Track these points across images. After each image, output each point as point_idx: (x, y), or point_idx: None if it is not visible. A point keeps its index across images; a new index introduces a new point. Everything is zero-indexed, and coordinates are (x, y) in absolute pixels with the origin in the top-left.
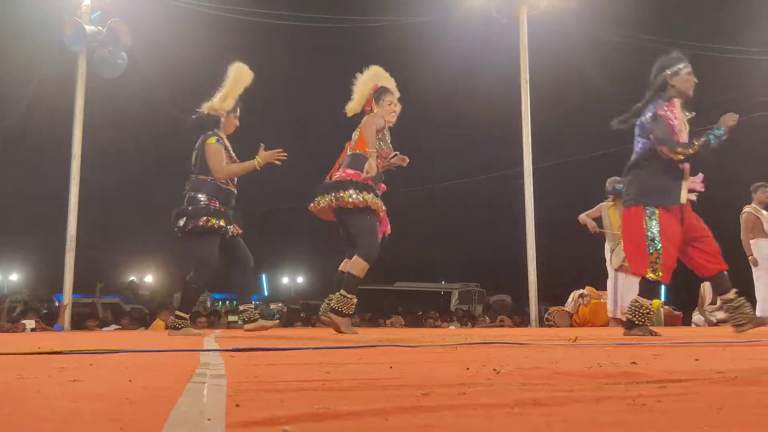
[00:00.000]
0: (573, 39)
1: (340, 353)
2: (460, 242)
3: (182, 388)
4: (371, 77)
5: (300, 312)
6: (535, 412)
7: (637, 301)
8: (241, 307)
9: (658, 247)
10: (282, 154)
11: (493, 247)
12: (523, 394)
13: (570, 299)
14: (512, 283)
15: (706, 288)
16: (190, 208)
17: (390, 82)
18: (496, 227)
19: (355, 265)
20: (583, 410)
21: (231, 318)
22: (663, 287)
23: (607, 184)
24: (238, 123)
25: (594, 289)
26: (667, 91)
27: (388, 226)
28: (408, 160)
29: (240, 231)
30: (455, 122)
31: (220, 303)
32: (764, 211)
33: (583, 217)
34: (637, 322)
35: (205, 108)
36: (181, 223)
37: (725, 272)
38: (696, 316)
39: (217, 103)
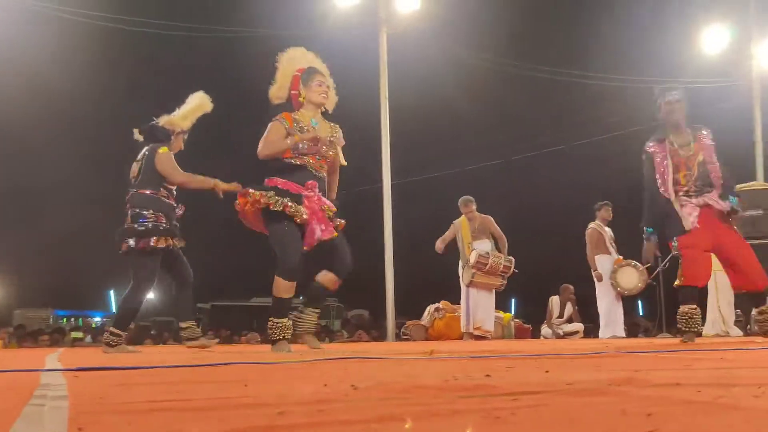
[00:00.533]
0: (432, 59)
1: (193, 372)
2: (318, 257)
3: (19, 412)
4: (291, 60)
5: (150, 329)
6: (393, 427)
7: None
8: (182, 324)
9: None
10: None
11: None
12: (381, 409)
13: (426, 313)
14: (370, 297)
15: (554, 302)
16: (137, 227)
17: (317, 62)
18: (354, 242)
19: (274, 286)
20: (440, 424)
21: (75, 335)
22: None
23: (459, 202)
24: (182, 147)
25: (449, 303)
26: (660, 128)
27: (326, 234)
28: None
29: (182, 244)
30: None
31: (65, 320)
32: (607, 228)
33: (439, 245)
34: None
35: (162, 120)
36: (132, 242)
37: None
38: (544, 329)
39: (177, 120)
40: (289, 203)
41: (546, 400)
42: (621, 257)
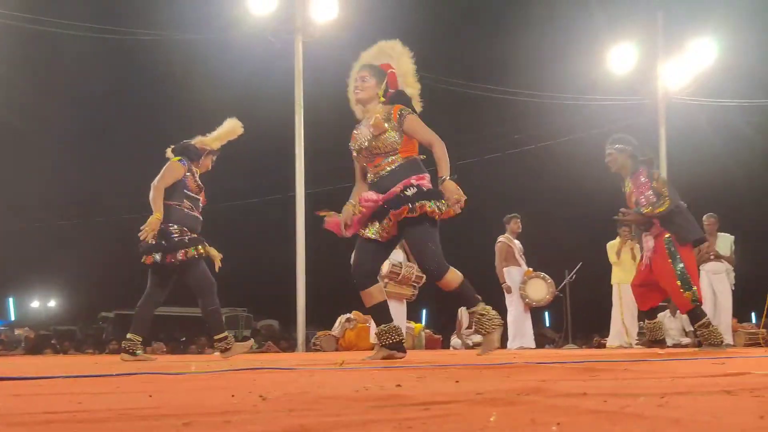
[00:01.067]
0: (349, 69)
1: (95, 382)
2: (228, 266)
3: None
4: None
5: (51, 338)
6: None
7: None
8: (216, 336)
9: None
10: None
11: (262, 271)
12: (290, 420)
13: (337, 323)
14: (280, 307)
15: (464, 313)
16: (164, 243)
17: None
18: (265, 251)
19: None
20: None
21: None
22: (424, 312)
23: None
24: (210, 167)
25: (360, 314)
26: None
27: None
28: None
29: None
30: (228, 143)
31: None
32: (516, 241)
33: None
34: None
35: (195, 140)
36: (158, 258)
37: None
38: (454, 340)
39: (209, 140)
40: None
41: (457, 409)
42: (530, 269)
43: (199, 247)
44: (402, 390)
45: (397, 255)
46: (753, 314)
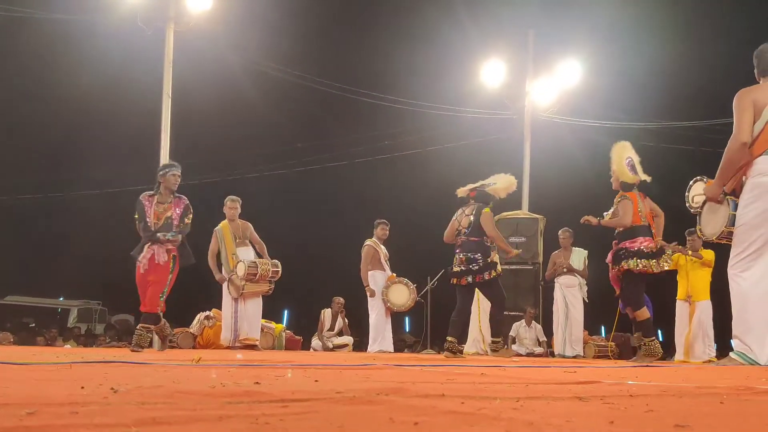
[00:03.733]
0: (221, 62)
1: None
2: (84, 257)
3: None
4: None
5: None
6: (154, 431)
7: None
8: (492, 339)
9: None
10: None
11: (120, 264)
12: (142, 413)
13: (195, 321)
14: (136, 302)
15: (326, 314)
16: (472, 266)
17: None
18: (123, 244)
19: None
20: (204, 429)
21: None
22: (285, 313)
23: (226, 200)
24: None
25: (220, 312)
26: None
27: None
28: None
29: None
30: (92, 129)
31: None
32: (382, 246)
33: (211, 262)
34: None
35: (490, 188)
36: (470, 279)
37: None
38: (315, 341)
39: (501, 191)
40: None
41: (315, 407)
42: (394, 274)
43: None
44: (260, 387)
45: (249, 254)
46: (603, 328)
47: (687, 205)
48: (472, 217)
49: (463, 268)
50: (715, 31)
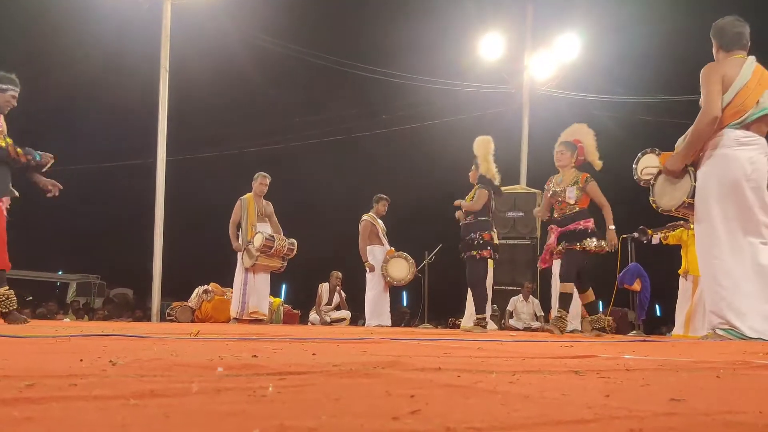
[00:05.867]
0: (220, 36)
1: None
2: (82, 231)
3: None
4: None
5: None
6: (152, 403)
7: None
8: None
9: None
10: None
11: (118, 238)
12: (140, 385)
13: (194, 295)
14: (135, 276)
15: (324, 288)
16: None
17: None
18: (122, 218)
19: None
20: (203, 401)
21: None
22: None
23: (256, 176)
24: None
25: (218, 286)
26: None
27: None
28: None
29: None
30: (90, 103)
31: None
32: (380, 221)
33: (237, 244)
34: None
35: (483, 169)
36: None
37: None
38: (312, 315)
39: (483, 161)
40: None
41: (312, 380)
42: (393, 248)
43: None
44: (257, 360)
45: (266, 228)
46: (600, 302)
47: (635, 177)
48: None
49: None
50: (715, 3)
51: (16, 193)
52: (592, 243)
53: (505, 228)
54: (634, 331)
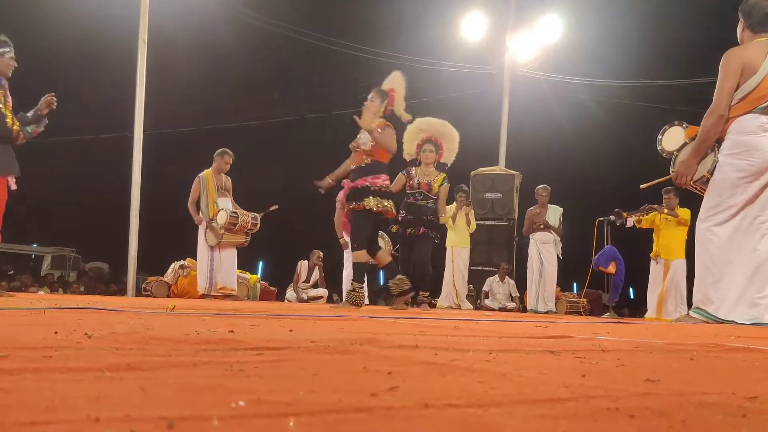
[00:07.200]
0: (198, 7)
1: None
2: (58, 204)
3: None
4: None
5: None
6: (128, 376)
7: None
8: None
9: None
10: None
11: (94, 211)
12: (116, 358)
13: (170, 270)
14: (111, 250)
15: (302, 266)
16: None
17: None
18: (98, 192)
19: None
20: (179, 374)
21: None
22: (260, 264)
23: (217, 153)
24: None
25: (194, 261)
26: None
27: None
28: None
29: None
30: (67, 76)
31: None
32: None
33: (191, 209)
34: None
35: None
36: None
37: None
38: (289, 293)
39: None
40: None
41: (290, 355)
42: None
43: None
44: (234, 336)
45: (227, 205)
46: (575, 284)
47: (659, 148)
48: None
49: None
50: None
51: (19, 173)
52: (371, 202)
53: (483, 209)
54: (608, 313)
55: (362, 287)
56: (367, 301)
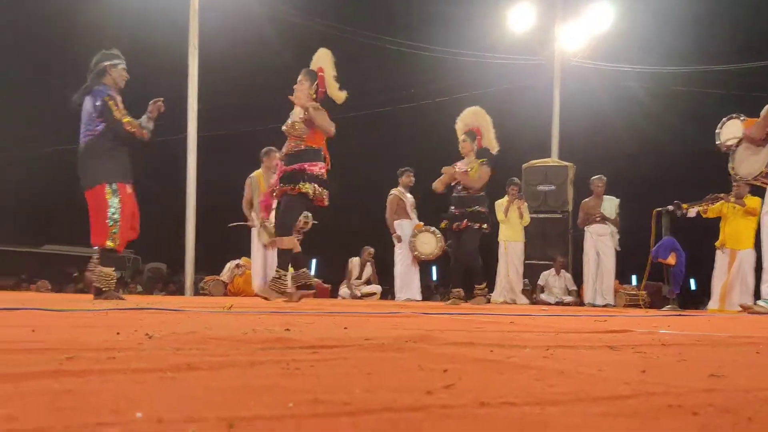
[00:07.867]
0: (244, 9)
1: None
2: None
3: None
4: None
5: None
6: (189, 376)
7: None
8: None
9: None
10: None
11: (152, 214)
12: (176, 358)
13: (226, 269)
14: (169, 251)
15: (354, 263)
16: None
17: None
18: (156, 194)
19: None
20: (238, 374)
21: None
22: (314, 262)
23: (263, 153)
24: None
25: (249, 260)
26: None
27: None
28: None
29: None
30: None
31: None
32: (408, 194)
33: (246, 209)
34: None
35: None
36: None
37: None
38: (343, 290)
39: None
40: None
41: (345, 354)
42: (421, 223)
43: None
44: (290, 334)
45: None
46: (634, 277)
47: (717, 142)
48: None
49: None
50: None
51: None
52: (308, 187)
53: (536, 201)
54: (669, 306)
55: (287, 274)
56: (419, 297)
